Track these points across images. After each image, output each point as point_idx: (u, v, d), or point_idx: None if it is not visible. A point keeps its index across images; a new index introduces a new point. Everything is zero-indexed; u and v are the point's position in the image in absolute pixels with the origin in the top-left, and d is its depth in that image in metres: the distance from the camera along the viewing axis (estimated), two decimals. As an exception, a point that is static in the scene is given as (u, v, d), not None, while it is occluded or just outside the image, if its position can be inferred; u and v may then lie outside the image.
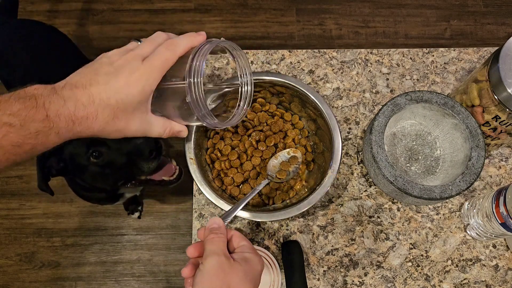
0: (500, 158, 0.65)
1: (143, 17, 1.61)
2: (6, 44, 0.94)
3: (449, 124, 0.58)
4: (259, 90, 0.60)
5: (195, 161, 0.54)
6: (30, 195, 1.39)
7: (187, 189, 0.93)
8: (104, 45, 1.57)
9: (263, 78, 0.57)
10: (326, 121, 0.55)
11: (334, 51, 0.71)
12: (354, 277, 0.59)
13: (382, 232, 0.61)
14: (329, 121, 0.55)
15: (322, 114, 0.56)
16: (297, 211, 0.51)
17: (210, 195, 0.53)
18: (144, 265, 1.32)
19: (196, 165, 0.53)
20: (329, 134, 0.55)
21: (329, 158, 0.54)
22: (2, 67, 0.95)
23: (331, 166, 0.53)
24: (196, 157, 0.54)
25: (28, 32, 0.96)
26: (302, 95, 0.57)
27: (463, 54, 0.71)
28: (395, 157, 0.62)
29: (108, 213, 1.37)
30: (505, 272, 0.59)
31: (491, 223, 0.54)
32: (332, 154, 0.54)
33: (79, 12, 1.61)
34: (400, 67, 0.70)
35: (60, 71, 0.95)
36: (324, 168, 0.56)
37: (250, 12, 1.62)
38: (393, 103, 0.57)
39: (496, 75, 0.50)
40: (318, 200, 0.52)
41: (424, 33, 1.60)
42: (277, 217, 0.51)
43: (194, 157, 0.54)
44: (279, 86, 0.59)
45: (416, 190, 0.52)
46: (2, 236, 1.35)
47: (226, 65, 0.70)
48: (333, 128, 0.55)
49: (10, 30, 0.95)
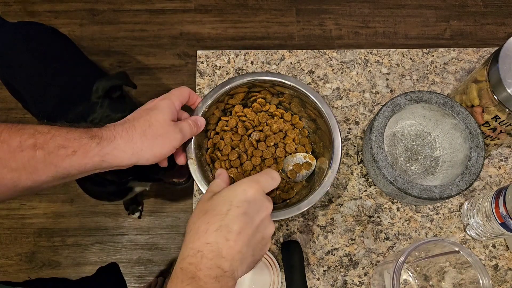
0: (499, 158, 0.65)
1: (143, 17, 1.61)
2: (7, 45, 0.94)
3: (449, 124, 0.58)
4: (259, 90, 0.60)
5: (196, 161, 0.54)
6: (30, 195, 1.39)
7: (187, 189, 0.93)
8: (105, 45, 1.57)
9: (263, 78, 0.57)
10: (326, 121, 0.55)
11: (334, 51, 0.72)
12: (354, 277, 0.59)
13: (382, 232, 0.61)
14: (329, 121, 0.55)
15: (322, 114, 0.56)
16: (297, 210, 0.51)
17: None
18: (144, 265, 1.32)
19: (197, 165, 0.54)
20: (329, 134, 0.55)
21: (329, 158, 0.54)
22: (3, 68, 0.95)
23: (331, 166, 0.53)
24: (196, 157, 0.54)
25: (29, 34, 0.96)
26: (302, 95, 0.57)
27: (462, 55, 0.72)
28: (395, 157, 0.62)
29: (108, 213, 1.38)
30: (504, 272, 0.59)
31: (491, 223, 0.54)
32: (332, 154, 0.54)
33: (79, 13, 1.62)
34: (400, 67, 0.71)
35: (61, 72, 0.95)
36: (324, 169, 0.56)
37: (250, 12, 1.62)
38: (392, 103, 0.57)
39: (496, 75, 0.50)
40: (318, 200, 0.52)
41: (424, 33, 1.60)
42: (277, 217, 0.51)
43: (195, 157, 0.54)
44: (278, 86, 0.59)
45: (415, 190, 0.52)
46: (3, 236, 1.35)
47: (227, 63, 0.70)
48: (333, 128, 0.55)
49: (11, 31, 0.95)
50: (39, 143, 0.39)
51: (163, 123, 0.46)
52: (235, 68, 0.70)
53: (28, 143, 0.38)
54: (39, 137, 0.39)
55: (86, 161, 0.41)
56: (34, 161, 0.38)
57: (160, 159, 0.46)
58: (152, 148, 0.44)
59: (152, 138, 0.44)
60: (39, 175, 0.39)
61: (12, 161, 0.37)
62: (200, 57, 0.71)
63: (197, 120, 0.53)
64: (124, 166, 0.45)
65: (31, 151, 0.38)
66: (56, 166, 0.39)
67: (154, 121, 0.45)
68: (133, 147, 0.43)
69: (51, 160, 0.39)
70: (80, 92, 0.80)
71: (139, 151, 0.44)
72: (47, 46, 0.97)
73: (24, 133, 0.38)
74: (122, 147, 0.43)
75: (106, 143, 0.42)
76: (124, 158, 0.43)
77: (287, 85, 0.57)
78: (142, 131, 0.44)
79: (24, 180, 0.39)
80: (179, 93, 0.51)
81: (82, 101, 0.71)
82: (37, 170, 0.39)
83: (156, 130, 0.45)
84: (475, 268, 0.46)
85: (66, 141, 0.40)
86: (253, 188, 0.40)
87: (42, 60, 0.93)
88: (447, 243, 0.46)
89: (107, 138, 0.43)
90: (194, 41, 1.58)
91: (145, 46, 1.57)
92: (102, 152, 0.42)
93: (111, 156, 0.42)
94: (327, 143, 0.56)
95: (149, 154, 0.44)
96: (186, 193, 1.37)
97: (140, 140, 0.44)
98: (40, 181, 0.40)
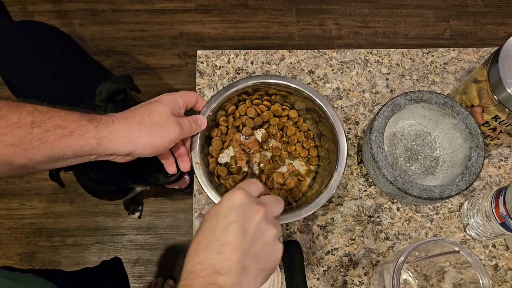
0: (499, 158, 0.65)
1: (143, 17, 1.61)
2: (8, 44, 0.94)
3: (449, 124, 0.58)
4: (265, 95, 0.60)
5: (201, 165, 0.54)
6: (30, 195, 1.39)
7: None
8: (105, 45, 1.57)
9: (268, 81, 0.58)
10: (331, 123, 0.55)
11: (334, 51, 0.72)
12: (354, 277, 0.59)
13: (382, 232, 0.61)
14: (333, 123, 0.55)
15: (327, 116, 0.56)
16: (304, 213, 0.52)
17: (216, 199, 0.53)
18: (144, 265, 1.32)
19: (202, 170, 0.54)
20: (334, 136, 0.55)
21: (334, 160, 0.54)
22: (4, 67, 0.95)
23: (337, 168, 0.53)
24: (202, 161, 0.55)
25: (30, 33, 0.96)
26: (307, 98, 0.58)
27: (462, 54, 0.72)
28: (394, 157, 0.62)
29: (108, 213, 1.38)
30: (504, 272, 0.59)
31: (491, 223, 0.54)
32: (338, 157, 0.54)
33: (79, 12, 1.62)
34: (399, 67, 0.71)
35: (61, 72, 0.95)
36: (329, 170, 0.56)
37: (250, 12, 1.62)
38: (392, 103, 0.57)
39: (496, 75, 0.50)
40: (325, 202, 0.52)
41: (424, 33, 1.60)
42: (284, 220, 0.51)
43: (200, 161, 0.54)
44: (283, 88, 0.59)
45: (415, 190, 0.52)
46: (3, 236, 1.35)
47: (227, 63, 0.70)
48: (338, 131, 0.55)
49: (12, 30, 0.95)
50: (37, 121, 0.39)
51: (162, 113, 0.46)
52: (235, 68, 0.70)
53: (26, 120, 0.38)
54: (38, 115, 0.39)
55: (82, 143, 0.41)
56: (29, 137, 0.38)
57: (156, 151, 0.46)
58: (149, 136, 0.44)
59: (150, 126, 0.44)
60: (33, 152, 0.39)
61: (8, 136, 0.37)
62: (200, 57, 0.71)
63: (198, 118, 0.53)
64: (120, 153, 0.44)
65: (28, 128, 0.38)
66: (52, 145, 0.39)
67: (154, 111, 0.45)
68: (131, 133, 0.43)
69: (47, 139, 0.39)
70: (80, 93, 0.80)
71: (136, 137, 0.43)
72: (48, 45, 0.97)
73: (23, 111, 0.39)
74: (119, 132, 0.43)
75: (104, 127, 0.42)
76: (120, 144, 0.43)
77: (292, 88, 0.58)
78: (141, 118, 0.44)
79: (18, 157, 0.38)
80: (186, 93, 0.51)
81: (82, 101, 0.71)
82: (32, 147, 0.39)
83: (155, 119, 0.45)
84: (475, 268, 0.46)
85: (64, 121, 0.40)
86: (237, 193, 0.38)
87: (42, 60, 0.93)
88: (447, 243, 0.46)
89: (105, 122, 0.42)
90: (194, 41, 1.58)
91: (145, 46, 1.57)
92: (99, 135, 0.41)
93: (108, 140, 0.42)
94: (332, 146, 0.57)
95: (146, 142, 0.44)
96: (186, 193, 1.37)
97: (138, 127, 0.44)
98: (34, 159, 0.39)
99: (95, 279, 0.80)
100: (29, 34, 0.95)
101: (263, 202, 0.39)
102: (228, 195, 0.38)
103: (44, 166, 0.42)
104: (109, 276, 0.83)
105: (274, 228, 0.38)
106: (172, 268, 1.33)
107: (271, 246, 0.38)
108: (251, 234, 0.36)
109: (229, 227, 0.36)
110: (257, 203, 0.38)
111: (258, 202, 0.39)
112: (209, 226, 0.36)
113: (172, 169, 0.54)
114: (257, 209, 0.38)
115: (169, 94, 0.49)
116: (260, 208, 0.38)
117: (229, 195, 0.38)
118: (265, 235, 0.37)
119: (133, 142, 0.43)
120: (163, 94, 0.49)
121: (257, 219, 0.37)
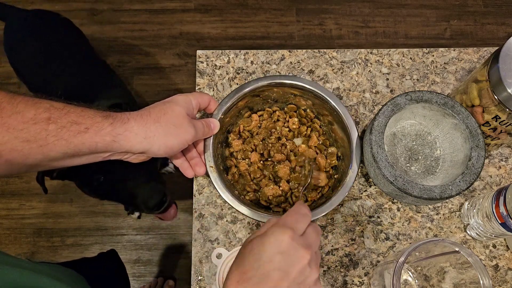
0: (500, 158, 0.65)
1: (143, 17, 1.61)
2: (18, 33, 0.94)
3: (449, 124, 0.58)
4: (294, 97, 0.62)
5: (215, 169, 0.54)
6: (30, 195, 1.39)
7: (187, 189, 0.93)
8: (104, 45, 1.57)
9: (281, 82, 0.59)
10: (344, 122, 0.58)
11: (334, 51, 0.71)
12: (354, 277, 0.59)
13: (382, 232, 0.61)
14: (346, 121, 0.58)
15: (339, 114, 0.58)
16: (321, 213, 0.53)
17: (232, 202, 0.53)
18: (144, 265, 1.32)
19: (217, 173, 0.54)
20: (347, 135, 0.58)
21: (348, 159, 0.57)
22: (13, 56, 0.95)
23: (351, 166, 0.56)
24: (215, 165, 0.55)
25: (42, 23, 0.96)
26: (319, 98, 0.59)
27: (463, 54, 0.71)
28: (395, 157, 0.62)
29: (108, 213, 1.38)
30: (505, 272, 0.59)
31: (491, 223, 0.54)
32: (352, 155, 0.56)
33: (79, 12, 1.62)
34: (400, 67, 0.70)
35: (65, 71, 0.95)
36: (343, 169, 0.58)
37: (250, 12, 1.62)
38: (393, 103, 0.57)
39: (496, 75, 0.50)
40: (341, 201, 0.54)
41: (424, 33, 1.60)
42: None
43: (214, 165, 0.55)
44: (295, 89, 0.60)
45: (416, 190, 0.52)
46: (2, 236, 1.35)
47: (227, 63, 0.70)
48: (351, 129, 0.57)
49: (24, 20, 0.95)
50: (53, 118, 0.39)
51: (178, 113, 0.46)
52: (235, 68, 0.70)
53: (43, 116, 0.38)
54: (54, 111, 0.39)
55: (97, 140, 0.41)
56: (45, 133, 0.38)
57: (170, 151, 0.46)
58: (164, 135, 0.44)
59: (165, 126, 0.44)
60: (49, 148, 0.39)
61: (25, 132, 0.37)
62: (200, 57, 0.71)
63: (210, 121, 0.53)
64: (135, 151, 0.44)
65: (44, 124, 0.38)
66: (67, 142, 0.39)
67: (169, 111, 0.45)
68: (146, 131, 0.43)
69: (63, 135, 0.39)
70: (81, 93, 0.80)
71: (152, 135, 0.43)
72: (59, 37, 0.97)
73: (40, 107, 0.38)
74: (135, 129, 0.43)
75: (119, 124, 0.42)
76: (135, 142, 0.43)
77: (307, 89, 0.59)
78: (157, 117, 0.44)
79: (34, 154, 0.38)
80: (199, 94, 0.51)
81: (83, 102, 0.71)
82: (48, 143, 0.38)
83: (171, 119, 0.45)
84: (476, 268, 0.45)
85: (79, 118, 0.40)
86: (285, 235, 0.36)
87: (52, 50, 0.93)
88: (447, 243, 0.46)
89: (121, 119, 0.43)
90: (194, 41, 1.58)
91: (144, 46, 1.57)
92: (114, 132, 0.41)
93: (123, 137, 0.42)
94: (343, 143, 0.59)
95: (161, 141, 0.44)
96: (186, 193, 1.37)
97: (154, 125, 0.44)
98: (50, 156, 0.39)
99: (95, 269, 0.80)
100: (41, 24, 0.95)
101: (309, 242, 0.38)
102: (276, 235, 0.36)
103: (59, 162, 0.41)
104: (108, 264, 0.83)
105: (316, 272, 0.38)
106: (172, 268, 1.33)
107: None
108: (292, 281, 0.35)
109: (272, 273, 0.35)
110: (304, 246, 0.37)
111: (305, 245, 0.37)
112: (251, 267, 0.35)
113: (190, 173, 0.54)
114: (303, 255, 0.36)
115: (182, 95, 0.49)
116: (306, 253, 0.37)
117: (277, 235, 0.36)
118: (307, 280, 0.37)
119: (148, 140, 0.43)
120: (176, 94, 0.49)
121: (301, 266, 0.36)
